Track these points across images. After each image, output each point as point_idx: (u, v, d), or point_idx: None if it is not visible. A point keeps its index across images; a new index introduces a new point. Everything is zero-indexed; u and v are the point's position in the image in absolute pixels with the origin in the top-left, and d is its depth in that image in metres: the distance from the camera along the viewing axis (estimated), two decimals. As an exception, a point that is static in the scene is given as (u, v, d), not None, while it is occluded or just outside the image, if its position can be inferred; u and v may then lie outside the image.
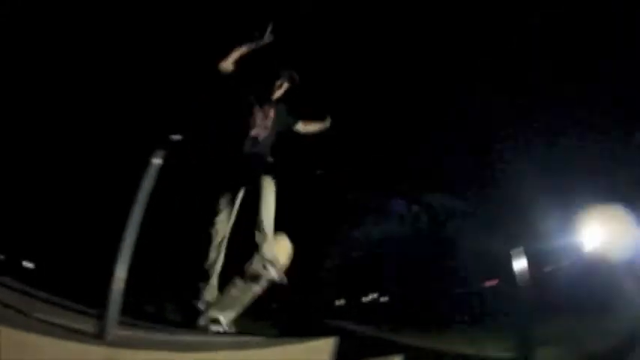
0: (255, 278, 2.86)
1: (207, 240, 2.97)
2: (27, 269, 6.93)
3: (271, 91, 3.31)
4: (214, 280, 2.88)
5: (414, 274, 8.74)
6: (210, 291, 2.82)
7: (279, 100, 3.37)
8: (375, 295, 10.20)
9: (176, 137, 1.81)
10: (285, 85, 3.35)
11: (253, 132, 3.14)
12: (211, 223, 2.97)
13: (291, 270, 2.96)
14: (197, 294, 2.81)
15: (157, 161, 1.69)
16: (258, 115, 3.19)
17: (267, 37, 3.26)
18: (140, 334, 1.68)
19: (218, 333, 2.43)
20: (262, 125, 3.19)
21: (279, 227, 2.97)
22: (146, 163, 1.72)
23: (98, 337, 1.44)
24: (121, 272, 1.54)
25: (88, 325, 1.52)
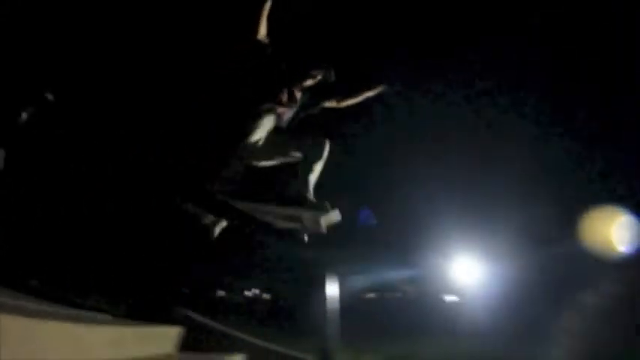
0: None
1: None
2: None
3: (303, 78, 3.46)
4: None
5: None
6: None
7: (308, 87, 3.52)
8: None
9: (50, 96, 1.92)
10: (318, 78, 3.48)
11: (279, 110, 3.35)
12: None
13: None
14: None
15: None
16: (284, 96, 3.37)
17: None
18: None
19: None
20: (288, 105, 3.39)
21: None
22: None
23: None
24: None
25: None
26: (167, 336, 2.03)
